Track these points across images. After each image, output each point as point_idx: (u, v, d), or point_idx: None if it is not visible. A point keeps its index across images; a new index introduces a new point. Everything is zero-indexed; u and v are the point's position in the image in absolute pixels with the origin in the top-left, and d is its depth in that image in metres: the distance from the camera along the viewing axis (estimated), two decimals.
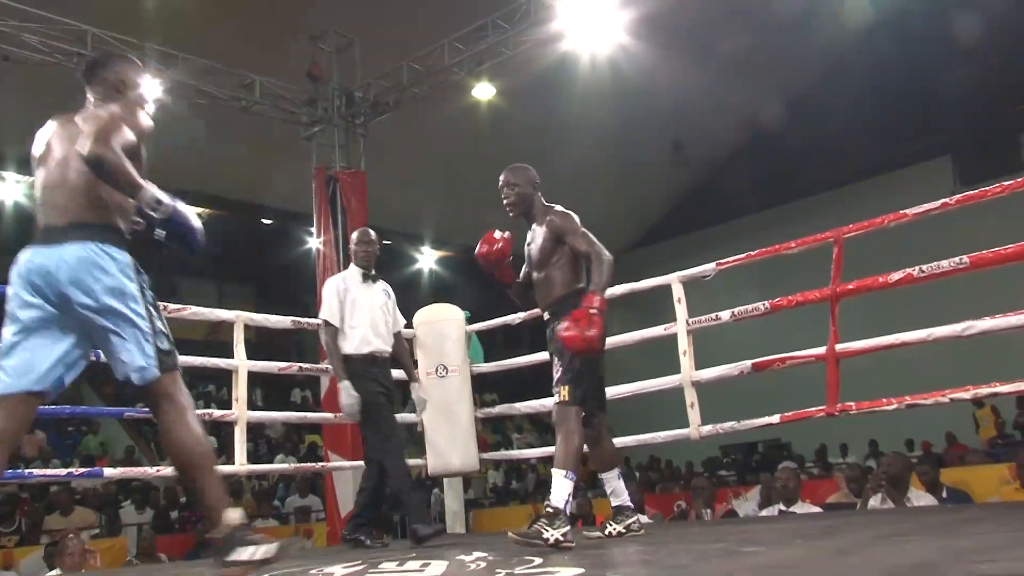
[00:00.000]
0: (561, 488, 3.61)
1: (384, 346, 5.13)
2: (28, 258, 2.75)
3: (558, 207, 4.13)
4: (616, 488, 4.19)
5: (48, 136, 2.94)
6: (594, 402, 4.10)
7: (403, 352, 5.44)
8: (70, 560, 5.97)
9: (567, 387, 3.83)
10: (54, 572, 6.14)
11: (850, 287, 4.63)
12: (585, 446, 3.99)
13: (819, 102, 16.73)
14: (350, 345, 5.04)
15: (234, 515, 2.69)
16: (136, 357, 2.72)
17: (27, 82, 10.42)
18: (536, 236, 4.13)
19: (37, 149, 2.94)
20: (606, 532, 4.06)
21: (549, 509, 3.55)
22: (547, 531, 3.45)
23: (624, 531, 4.02)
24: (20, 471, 6.46)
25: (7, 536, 9.06)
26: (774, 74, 17.16)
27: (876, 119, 16.53)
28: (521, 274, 4.32)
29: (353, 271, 5.27)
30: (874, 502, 5.83)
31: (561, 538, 3.45)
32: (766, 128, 18.40)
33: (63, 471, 7.55)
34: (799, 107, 17.31)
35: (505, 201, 4.21)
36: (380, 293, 5.26)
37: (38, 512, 9.91)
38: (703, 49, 14.82)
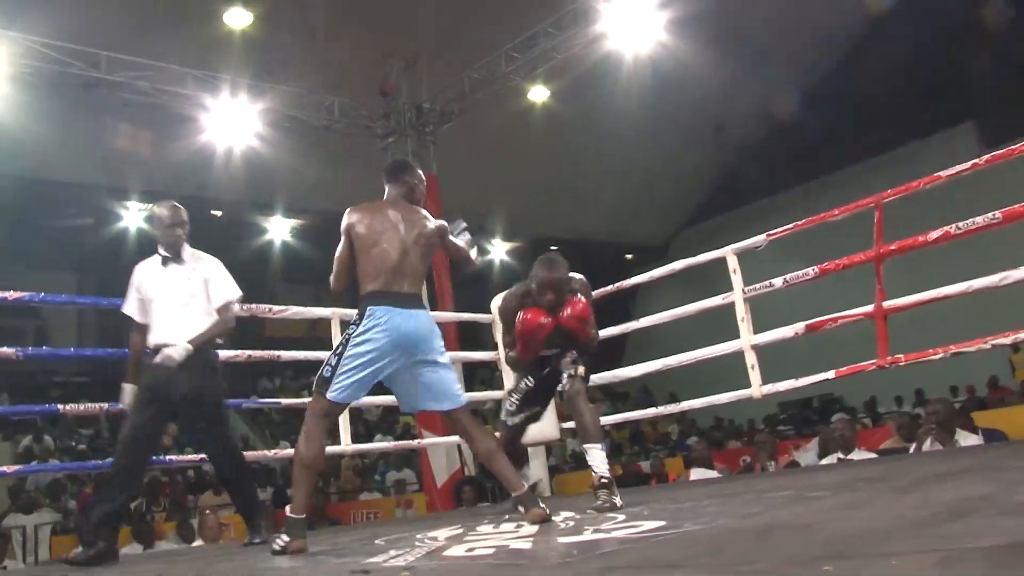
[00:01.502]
0: (601, 459, 3.72)
1: (178, 336, 4.09)
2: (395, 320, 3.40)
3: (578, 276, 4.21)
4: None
5: (382, 217, 3.58)
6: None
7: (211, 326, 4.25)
8: (209, 533, 6.19)
9: (583, 366, 3.91)
10: (197, 543, 6.37)
11: (892, 248, 4.56)
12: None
13: (848, 78, 16.36)
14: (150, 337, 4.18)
15: (523, 484, 3.46)
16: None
17: (145, 122, 10.81)
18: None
19: (375, 225, 3.55)
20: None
21: (604, 480, 3.63)
22: (617, 497, 3.55)
23: None
24: (163, 457, 6.64)
25: (158, 512, 9.43)
26: (804, 54, 16.87)
27: (903, 90, 16.13)
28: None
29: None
30: (925, 446, 5.75)
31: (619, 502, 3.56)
32: (801, 105, 18.08)
33: (197, 456, 7.79)
34: (831, 83, 16.98)
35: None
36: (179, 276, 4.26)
37: (179, 492, 10.27)
38: (736, 37, 14.62)
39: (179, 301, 4.16)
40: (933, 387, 12.85)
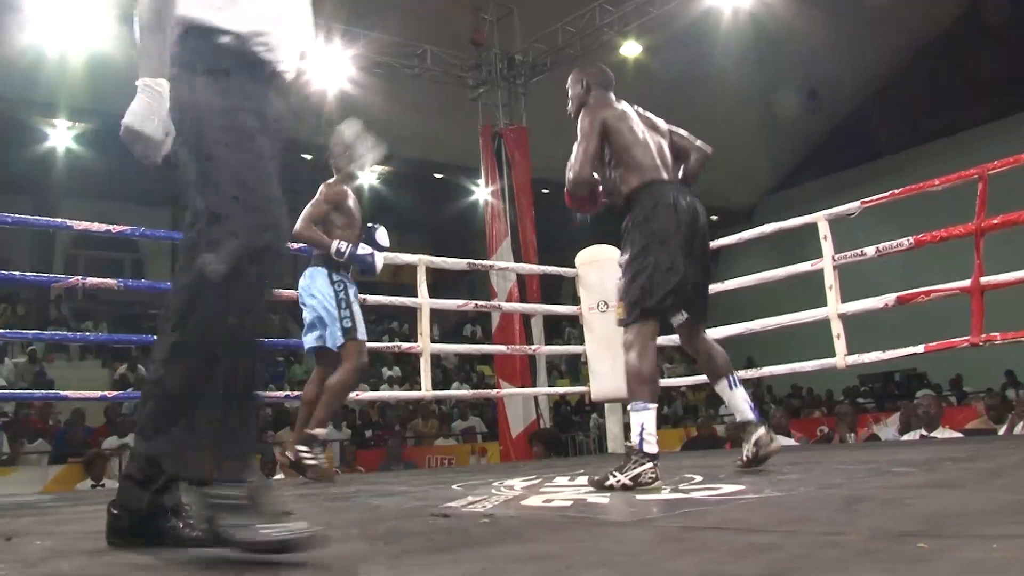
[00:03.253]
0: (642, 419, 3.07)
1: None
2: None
3: None
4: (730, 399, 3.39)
5: None
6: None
7: None
8: (289, 469, 6.35)
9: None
10: (278, 477, 6.55)
11: (995, 222, 4.37)
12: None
13: (956, 43, 15.60)
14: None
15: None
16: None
17: None
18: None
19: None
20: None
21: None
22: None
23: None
24: None
25: None
26: (911, 16, 16.14)
27: (1010, 60, 15.32)
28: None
29: None
30: (1017, 429, 5.56)
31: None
32: (903, 70, 17.37)
33: (282, 394, 8.03)
34: (937, 48, 16.24)
35: None
36: None
37: (260, 427, 10.55)
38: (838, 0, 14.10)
39: None
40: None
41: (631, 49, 12.86)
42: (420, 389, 5.98)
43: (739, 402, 3.31)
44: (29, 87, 11.61)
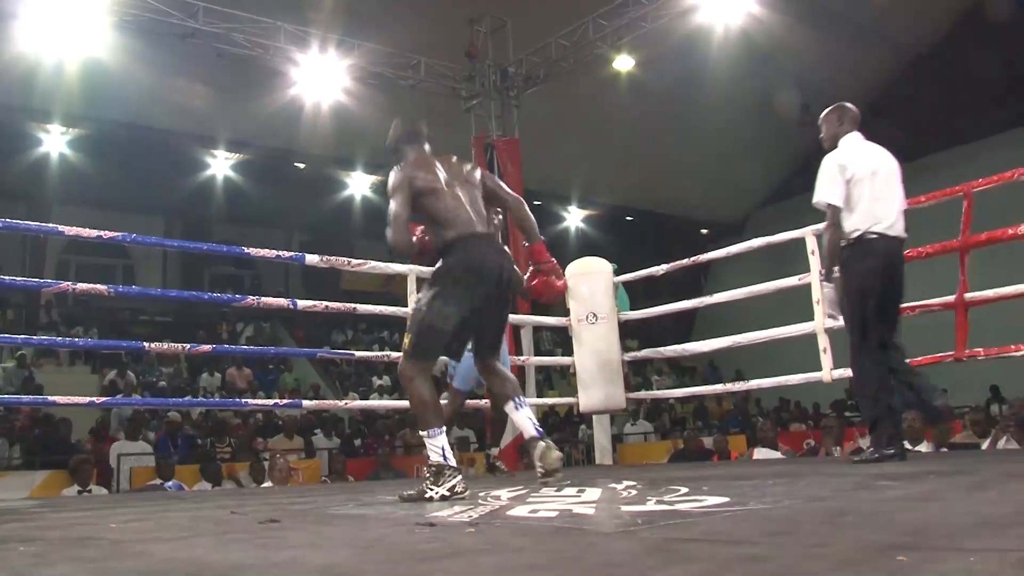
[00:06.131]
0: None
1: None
2: None
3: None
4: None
5: None
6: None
7: None
8: (278, 475, 6.36)
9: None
10: (267, 484, 6.54)
11: (981, 238, 4.40)
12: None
13: (944, 61, 15.69)
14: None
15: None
16: None
17: (235, 73, 10.98)
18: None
19: None
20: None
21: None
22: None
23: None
24: (238, 400, 6.85)
25: (222, 449, 9.67)
26: (900, 34, 16.26)
27: (1001, 76, 15.42)
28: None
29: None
30: (1000, 443, 5.59)
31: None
32: (892, 87, 17.47)
33: (271, 401, 8.00)
34: (928, 62, 16.33)
35: None
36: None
37: (249, 434, 10.53)
38: (830, 14, 14.17)
39: None
40: (1009, 384, 12.42)
41: (624, 63, 12.93)
42: None
43: (523, 421, 3.53)
44: (24, 93, 11.59)
